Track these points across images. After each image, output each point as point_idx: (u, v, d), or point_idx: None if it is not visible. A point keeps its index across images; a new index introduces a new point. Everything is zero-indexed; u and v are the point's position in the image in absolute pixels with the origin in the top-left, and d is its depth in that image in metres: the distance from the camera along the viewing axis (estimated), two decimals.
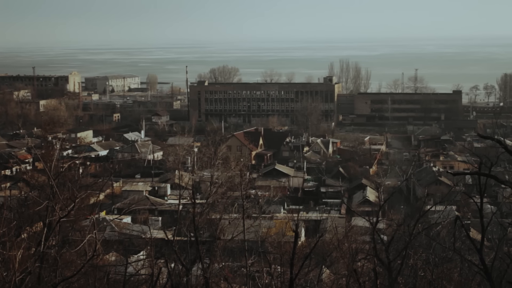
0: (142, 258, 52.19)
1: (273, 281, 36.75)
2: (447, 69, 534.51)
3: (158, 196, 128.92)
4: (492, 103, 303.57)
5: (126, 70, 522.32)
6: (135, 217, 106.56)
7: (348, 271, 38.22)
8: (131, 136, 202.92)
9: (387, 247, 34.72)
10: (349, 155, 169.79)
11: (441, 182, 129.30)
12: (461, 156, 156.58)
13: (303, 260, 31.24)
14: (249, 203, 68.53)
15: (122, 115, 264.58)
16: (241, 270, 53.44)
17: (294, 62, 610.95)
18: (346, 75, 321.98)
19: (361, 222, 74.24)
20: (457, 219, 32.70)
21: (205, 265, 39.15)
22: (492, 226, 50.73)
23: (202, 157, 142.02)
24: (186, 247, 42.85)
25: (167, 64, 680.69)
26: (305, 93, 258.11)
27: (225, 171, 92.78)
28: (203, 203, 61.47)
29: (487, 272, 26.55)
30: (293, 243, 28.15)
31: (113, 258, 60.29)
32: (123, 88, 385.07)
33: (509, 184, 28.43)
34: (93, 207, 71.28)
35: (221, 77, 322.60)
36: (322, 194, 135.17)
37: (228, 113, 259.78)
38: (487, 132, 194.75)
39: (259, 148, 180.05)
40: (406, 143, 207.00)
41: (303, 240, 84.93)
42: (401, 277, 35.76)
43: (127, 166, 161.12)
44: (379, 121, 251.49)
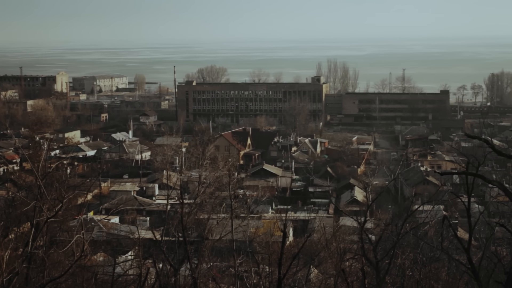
0: (130, 259, 52.08)
1: (261, 281, 36.79)
2: (434, 69, 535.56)
3: (146, 196, 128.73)
4: (480, 103, 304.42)
5: (113, 70, 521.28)
6: (123, 218, 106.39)
7: (336, 271, 38.26)
8: (119, 136, 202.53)
9: (375, 246, 34.79)
10: (337, 155, 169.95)
11: (429, 182, 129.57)
12: (449, 156, 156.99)
13: (291, 260, 31.27)
14: (237, 203, 68.45)
15: (109, 115, 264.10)
16: (229, 270, 53.46)
17: (282, 62, 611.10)
18: (334, 75, 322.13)
19: (349, 222, 74.27)
20: (445, 219, 32.78)
21: (193, 265, 39.16)
22: (480, 225, 50.94)
23: (190, 157, 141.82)
24: (174, 247, 42.85)
25: (155, 64, 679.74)
26: (293, 93, 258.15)
27: (213, 171, 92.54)
28: (191, 203, 61.36)
29: (475, 271, 26.63)
30: (281, 243, 28.18)
31: (101, 258, 60.15)
32: (111, 88, 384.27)
33: (496, 183, 28.52)
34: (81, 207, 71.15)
35: (209, 77, 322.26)
36: (310, 194, 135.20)
37: (216, 113, 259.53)
38: (475, 131, 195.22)
39: (247, 148, 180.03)
40: (394, 143, 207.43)
41: (291, 240, 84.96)
42: (389, 276, 35.81)
43: (115, 166, 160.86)
44: (367, 121, 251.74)
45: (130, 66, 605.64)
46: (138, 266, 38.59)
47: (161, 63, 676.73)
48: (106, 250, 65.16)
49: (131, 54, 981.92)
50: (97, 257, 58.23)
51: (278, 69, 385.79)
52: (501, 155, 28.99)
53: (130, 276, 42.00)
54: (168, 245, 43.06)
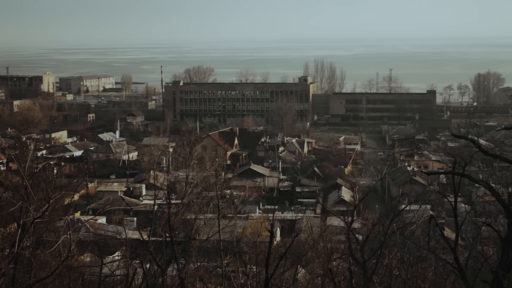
0: (117, 259, 51.98)
1: (248, 281, 36.77)
2: (421, 69, 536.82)
3: (133, 196, 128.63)
4: (466, 102, 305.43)
5: (100, 70, 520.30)
6: (110, 218, 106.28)
7: (323, 271, 38.29)
8: (105, 136, 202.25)
9: (362, 246, 34.83)
10: (324, 155, 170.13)
11: (416, 182, 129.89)
12: (436, 156, 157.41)
13: (278, 260, 31.27)
14: (225, 203, 68.48)
15: (96, 115, 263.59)
16: (216, 270, 53.44)
17: (269, 62, 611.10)
18: (321, 75, 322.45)
19: (336, 222, 74.36)
20: (432, 218, 32.84)
21: (180, 265, 39.10)
22: (466, 225, 51.07)
23: (177, 157, 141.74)
24: (162, 247, 42.75)
25: (142, 64, 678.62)
26: (280, 93, 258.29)
27: (200, 171, 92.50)
28: (178, 203, 61.33)
29: (461, 270, 26.70)
30: (269, 243, 28.19)
31: (88, 259, 60.01)
32: (98, 88, 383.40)
33: (482, 183, 28.61)
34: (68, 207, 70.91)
35: (196, 77, 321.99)
36: (297, 194, 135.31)
37: (203, 113, 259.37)
38: (461, 131, 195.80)
39: (234, 148, 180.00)
40: (381, 142, 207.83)
41: (279, 240, 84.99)
42: (376, 276, 35.86)
43: (101, 166, 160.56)
44: (354, 121, 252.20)
45: (117, 66, 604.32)
46: (125, 267, 38.50)
47: (148, 63, 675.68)
48: (93, 251, 65.03)
49: (118, 54, 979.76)
50: (84, 257, 58.11)
51: (265, 69, 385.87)
52: (487, 154, 29.09)
53: (117, 276, 41.90)
54: (155, 245, 42.97)
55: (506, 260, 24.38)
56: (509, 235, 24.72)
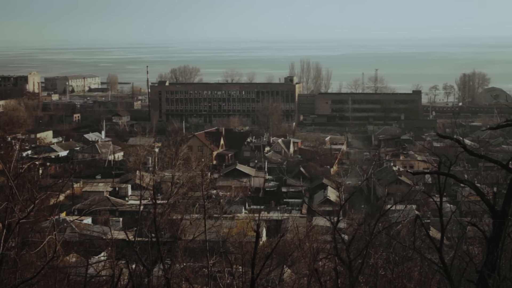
0: (103, 259, 51.88)
1: (234, 281, 36.76)
2: (407, 69, 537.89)
3: (119, 196, 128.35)
4: (451, 103, 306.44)
5: (86, 70, 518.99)
6: (95, 218, 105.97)
7: (309, 271, 38.34)
8: (91, 136, 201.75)
9: (348, 246, 34.88)
10: (310, 155, 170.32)
11: (401, 182, 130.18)
12: (421, 156, 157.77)
13: (264, 260, 31.27)
14: (210, 203, 68.46)
15: (82, 116, 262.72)
16: (202, 270, 53.37)
17: (255, 62, 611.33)
18: (307, 75, 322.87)
19: (322, 222, 74.45)
20: (417, 218, 32.96)
21: (166, 265, 39.05)
22: (452, 225, 51.14)
23: (163, 158, 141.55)
24: (147, 247, 42.68)
25: (127, 64, 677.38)
26: (266, 93, 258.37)
27: (186, 172, 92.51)
28: (164, 203, 61.26)
29: (447, 270, 26.77)
30: (255, 243, 28.19)
31: (73, 259, 59.89)
32: (83, 88, 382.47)
33: (468, 183, 28.70)
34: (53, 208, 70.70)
35: (182, 77, 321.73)
36: (283, 194, 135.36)
37: (189, 113, 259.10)
38: (447, 131, 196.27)
39: (220, 148, 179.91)
40: (367, 142, 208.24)
41: (265, 240, 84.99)
42: (362, 276, 35.93)
43: (87, 166, 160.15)
44: (340, 121, 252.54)
45: (103, 66, 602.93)
46: (111, 267, 38.41)
47: (134, 63, 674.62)
48: (78, 251, 64.93)
49: (104, 54, 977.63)
50: (69, 258, 57.99)
51: (251, 69, 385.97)
52: (472, 154, 29.20)
53: (103, 277, 41.80)
54: (141, 246, 42.88)
55: (491, 259, 24.46)
56: (494, 234, 24.81)
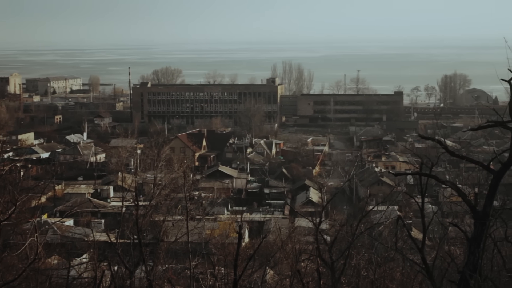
0: (85, 261, 51.75)
1: (217, 283, 36.76)
2: (388, 70, 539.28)
3: (101, 198, 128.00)
4: (433, 104, 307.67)
5: (68, 71, 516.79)
6: (77, 220, 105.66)
7: (291, 272, 38.36)
8: (73, 138, 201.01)
9: (330, 247, 34.95)
10: (292, 156, 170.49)
11: (383, 183, 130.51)
12: (403, 157, 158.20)
13: (246, 261, 31.27)
14: (193, 205, 68.40)
15: (64, 117, 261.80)
16: (185, 272, 53.34)
17: (237, 64, 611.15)
18: (289, 76, 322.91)
19: (304, 223, 74.53)
20: (399, 219, 33.03)
21: (148, 267, 39.02)
22: (433, 225, 51.35)
23: (145, 159, 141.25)
24: (130, 249, 42.61)
25: (109, 65, 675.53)
26: (248, 94, 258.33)
27: (168, 173, 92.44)
28: (147, 205, 61.19)
29: (429, 271, 26.87)
30: (237, 244, 28.19)
31: (55, 261, 59.73)
32: (65, 90, 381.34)
33: (449, 184, 28.82)
34: (35, 210, 70.56)
35: (164, 78, 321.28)
36: (265, 195, 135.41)
37: (171, 115, 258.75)
38: (428, 132, 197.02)
39: (203, 149, 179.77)
40: (349, 144, 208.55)
41: (247, 241, 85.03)
42: (344, 277, 35.98)
43: (69, 168, 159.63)
44: (322, 122, 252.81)
45: (85, 68, 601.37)
46: (93, 269, 38.32)
47: (116, 64, 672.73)
48: (60, 253, 64.71)
49: (85, 55, 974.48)
50: (51, 260, 57.81)
51: (233, 70, 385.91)
52: (454, 155, 29.31)
53: (85, 279, 41.68)
54: (123, 248, 42.81)
55: (473, 260, 24.57)
56: (476, 235, 24.92)
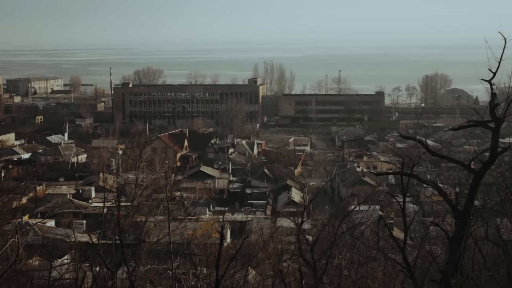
0: (66, 262, 51.58)
1: (199, 283, 36.73)
2: (370, 70, 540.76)
3: (82, 199, 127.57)
4: (414, 104, 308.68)
5: (48, 72, 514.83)
6: (59, 221, 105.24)
7: (273, 272, 38.43)
8: (54, 138, 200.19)
9: (312, 247, 35.03)
10: (274, 156, 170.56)
11: (365, 182, 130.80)
12: (384, 156, 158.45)
13: (229, 261, 31.30)
14: (175, 205, 68.27)
15: (45, 118, 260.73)
16: (167, 272, 53.29)
17: (219, 64, 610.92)
18: (270, 76, 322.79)
19: (286, 223, 74.61)
20: (381, 219, 33.20)
21: (130, 268, 38.94)
22: (415, 225, 51.52)
23: (127, 160, 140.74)
24: (111, 250, 42.53)
25: (90, 66, 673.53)
26: (229, 94, 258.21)
27: (150, 174, 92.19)
28: (128, 205, 61.07)
29: (410, 270, 26.99)
30: (219, 245, 28.20)
31: (36, 262, 59.47)
32: (46, 90, 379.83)
33: (430, 183, 28.99)
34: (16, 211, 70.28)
35: (146, 79, 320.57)
36: (247, 195, 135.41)
37: (152, 115, 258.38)
38: (409, 132, 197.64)
39: (184, 150, 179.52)
40: (330, 144, 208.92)
41: (229, 241, 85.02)
42: (326, 276, 36.08)
43: (50, 169, 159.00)
44: (304, 122, 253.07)
45: (66, 68, 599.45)
46: (75, 270, 38.23)
47: (97, 64, 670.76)
48: (41, 254, 64.44)
49: (66, 56, 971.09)
50: (32, 261, 57.54)
51: (215, 70, 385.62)
52: (435, 155, 29.47)
53: (66, 280, 41.58)
54: (105, 248, 42.73)
55: (454, 259, 24.69)
56: (457, 234, 25.04)
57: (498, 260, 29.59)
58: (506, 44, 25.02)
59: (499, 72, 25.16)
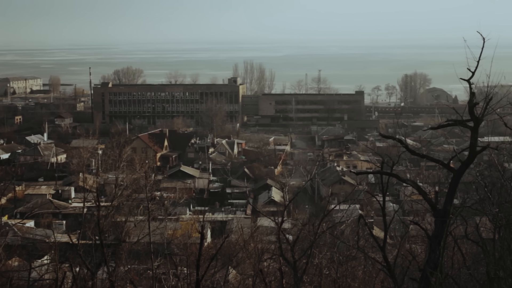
0: (46, 263, 51.39)
1: (179, 283, 36.70)
2: (349, 70, 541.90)
3: (62, 199, 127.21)
4: (393, 103, 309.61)
5: (27, 71, 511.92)
6: (38, 221, 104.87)
7: (254, 271, 38.43)
8: (33, 138, 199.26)
9: (293, 246, 35.07)
10: (254, 156, 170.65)
11: (345, 182, 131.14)
12: (364, 156, 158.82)
13: (209, 261, 31.31)
14: (155, 205, 68.15)
15: (24, 118, 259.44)
16: (147, 272, 53.19)
17: (199, 64, 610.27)
18: (250, 76, 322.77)
19: (266, 222, 74.71)
20: (361, 218, 33.26)
21: (110, 268, 38.85)
22: (395, 224, 51.76)
23: (107, 160, 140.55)
24: (91, 250, 42.37)
25: (70, 65, 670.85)
26: (209, 94, 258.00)
27: (130, 173, 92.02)
28: (108, 205, 60.86)
29: (390, 269, 27.10)
30: (199, 245, 28.21)
31: (15, 263, 59.28)
32: (25, 90, 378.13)
33: (410, 182, 29.09)
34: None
35: (125, 78, 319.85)
36: (227, 195, 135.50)
37: (132, 115, 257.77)
38: (389, 131, 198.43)
39: (164, 149, 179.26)
40: (310, 143, 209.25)
41: (209, 241, 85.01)
42: (307, 276, 36.15)
43: (29, 169, 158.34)
44: (284, 122, 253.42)
45: (45, 68, 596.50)
46: (54, 270, 38.08)
47: (76, 64, 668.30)
48: (21, 255, 64.24)
49: (46, 55, 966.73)
50: (12, 262, 57.34)
51: (195, 70, 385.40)
52: (414, 154, 29.61)
53: (46, 280, 41.42)
54: (84, 249, 42.58)
55: (433, 257, 24.81)
56: (436, 233, 25.15)
57: (477, 258, 29.74)
58: (485, 43, 25.16)
59: (477, 72, 25.30)
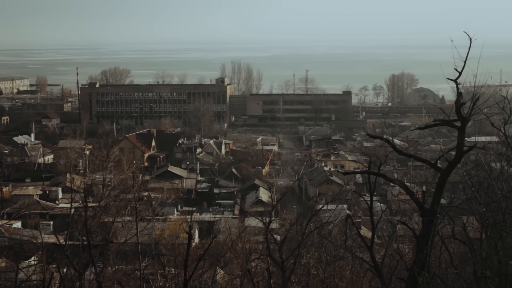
0: (33, 264, 51.27)
1: (167, 283, 36.70)
2: (337, 70, 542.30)
3: (49, 200, 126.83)
4: (381, 103, 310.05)
5: (14, 72, 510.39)
6: (25, 222, 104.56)
7: (242, 272, 38.43)
8: (20, 139, 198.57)
9: (280, 246, 35.10)
10: (242, 156, 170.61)
11: (333, 182, 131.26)
12: (352, 156, 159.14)
13: (197, 261, 31.30)
14: (142, 206, 68.11)
15: (11, 118, 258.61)
16: (135, 273, 53.15)
17: (186, 64, 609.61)
18: (238, 76, 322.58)
19: (254, 222, 74.75)
20: (348, 218, 33.33)
21: (98, 269, 38.80)
22: (382, 223, 51.85)
23: (94, 160, 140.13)
24: (79, 251, 42.33)
25: (57, 65, 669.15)
26: (197, 94, 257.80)
27: (117, 174, 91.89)
28: (96, 206, 60.79)
29: (378, 268, 27.16)
30: (187, 245, 28.20)
31: (3, 264, 59.09)
32: (12, 90, 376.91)
33: (397, 182, 29.16)
34: None
35: (113, 78, 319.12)
36: (215, 195, 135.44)
37: (120, 115, 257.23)
38: (376, 131, 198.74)
39: (152, 150, 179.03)
40: (298, 143, 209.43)
41: (197, 241, 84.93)
42: (294, 276, 36.17)
43: (16, 170, 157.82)
44: (271, 122, 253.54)
45: (32, 68, 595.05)
46: (42, 271, 38.03)
47: (63, 64, 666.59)
48: (8, 256, 64.04)
49: (32, 56, 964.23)
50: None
51: (182, 70, 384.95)
52: (402, 154, 29.68)
53: (33, 281, 41.35)
54: (72, 249, 42.54)
55: (421, 257, 24.87)
56: (424, 233, 25.22)
57: (465, 258, 29.82)
58: (472, 43, 25.25)
59: (464, 72, 25.39)
